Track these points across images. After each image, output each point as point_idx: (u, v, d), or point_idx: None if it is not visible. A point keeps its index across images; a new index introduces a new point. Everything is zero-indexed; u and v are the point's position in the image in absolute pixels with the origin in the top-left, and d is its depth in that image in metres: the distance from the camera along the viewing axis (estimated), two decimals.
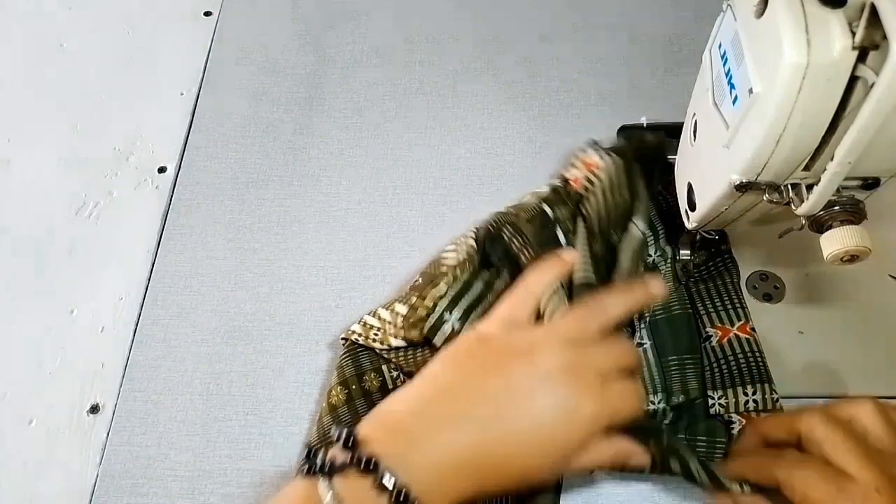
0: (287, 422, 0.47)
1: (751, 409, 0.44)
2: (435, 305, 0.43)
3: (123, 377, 0.49)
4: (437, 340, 0.43)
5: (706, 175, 0.41)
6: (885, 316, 0.49)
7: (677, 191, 0.47)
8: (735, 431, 0.43)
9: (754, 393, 0.44)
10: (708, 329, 0.47)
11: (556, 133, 0.60)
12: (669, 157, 0.51)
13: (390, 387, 0.46)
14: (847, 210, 0.35)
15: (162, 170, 0.59)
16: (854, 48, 0.28)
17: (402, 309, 0.45)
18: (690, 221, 0.44)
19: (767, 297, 0.50)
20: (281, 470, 0.45)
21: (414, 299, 0.44)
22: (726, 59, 0.35)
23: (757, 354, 0.46)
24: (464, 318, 0.43)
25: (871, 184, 0.35)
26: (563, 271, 0.41)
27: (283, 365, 0.49)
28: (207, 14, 0.70)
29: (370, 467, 0.30)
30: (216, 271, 0.53)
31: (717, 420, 0.44)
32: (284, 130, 0.61)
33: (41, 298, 0.53)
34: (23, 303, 0.53)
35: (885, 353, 0.47)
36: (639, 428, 0.38)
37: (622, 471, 0.40)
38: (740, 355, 0.46)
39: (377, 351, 0.46)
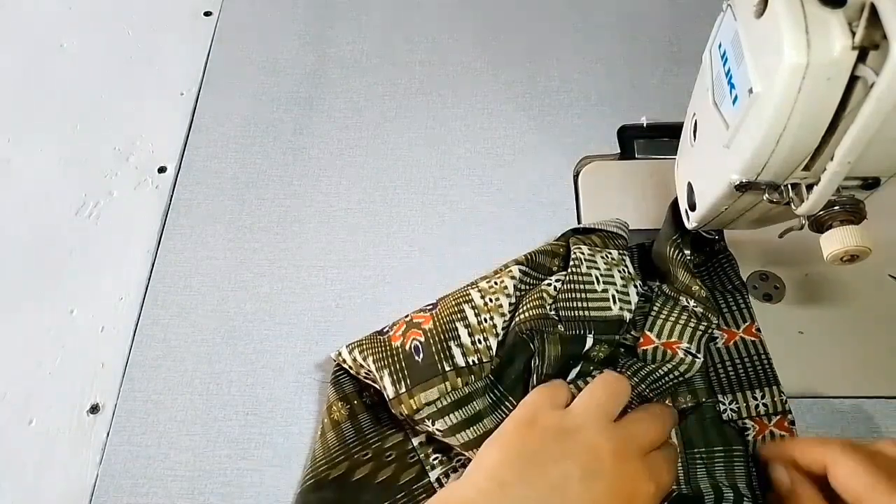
0: (287, 422, 0.47)
1: (762, 412, 0.44)
2: (420, 409, 0.41)
3: (123, 377, 0.49)
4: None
5: (706, 175, 0.41)
6: (885, 316, 0.49)
7: (677, 191, 0.47)
8: (750, 437, 0.43)
9: (763, 397, 0.44)
10: (714, 331, 0.47)
11: (556, 133, 0.60)
12: (670, 157, 0.51)
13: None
14: (847, 210, 0.35)
15: (162, 170, 0.59)
16: (854, 48, 0.28)
17: (388, 385, 0.42)
18: (690, 221, 0.44)
19: (767, 297, 0.50)
20: (281, 470, 0.45)
21: (403, 389, 0.41)
22: (726, 59, 0.35)
23: (763, 356, 0.46)
24: (449, 432, 0.41)
25: (871, 184, 0.35)
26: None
27: (283, 365, 0.49)
28: (207, 14, 0.70)
29: None
30: (216, 271, 0.53)
31: (730, 426, 0.44)
32: (284, 130, 0.61)
33: (41, 298, 0.53)
34: (23, 303, 0.53)
35: (885, 353, 0.47)
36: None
37: None
38: (746, 359, 0.46)
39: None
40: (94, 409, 0.48)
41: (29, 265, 0.54)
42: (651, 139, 0.58)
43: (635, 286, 0.47)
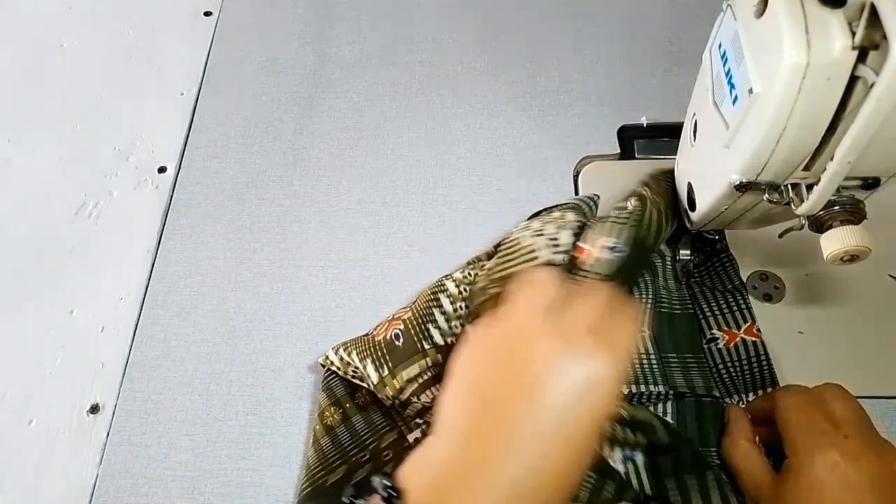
0: (287, 422, 0.47)
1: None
2: (404, 388, 0.42)
3: (123, 377, 0.49)
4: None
5: (706, 175, 0.41)
6: (885, 316, 0.49)
7: (677, 191, 0.47)
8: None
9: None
10: (714, 331, 0.47)
11: (556, 133, 0.60)
12: (670, 157, 0.51)
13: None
14: (847, 210, 0.35)
15: (162, 170, 0.59)
16: (854, 48, 0.28)
17: (371, 372, 0.43)
18: (690, 221, 0.44)
19: (767, 297, 0.50)
20: (281, 470, 0.45)
21: (386, 372, 0.43)
22: (726, 59, 0.35)
23: (762, 357, 0.46)
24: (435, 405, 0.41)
25: (871, 183, 0.35)
26: None
27: (283, 365, 0.49)
28: (207, 14, 0.70)
29: None
30: (216, 271, 0.53)
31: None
32: (284, 130, 0.61)
33: (41, 298, 0.53)
34: (23, 303, 0.53)
35: (885, 353, 0.47)
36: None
37: None
38: (745, 360, 0.46)
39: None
40: (94, 409, 0.48)
41: (29, 265, 0.54)
42: (651, 139, 0.58)
43: (571, 229, 0.44)
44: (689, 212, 0.44)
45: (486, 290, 0.42)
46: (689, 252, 0.50)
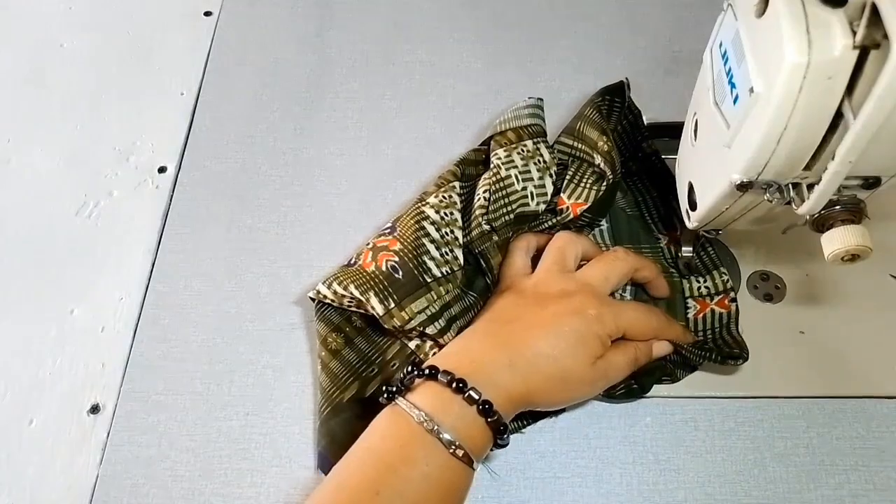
0: (287, 422, 0.47)
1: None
2: (412, 319, 0.44)
3: (123, 377, 0.49)
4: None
5: (707, 175, 0.41)
6: (885, 316, 0.49)
7: (678, 191, 0.47)
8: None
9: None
10: (688, 300, 0.50)
11: (556, 133, 0.59)
12: (670, 157, 0.51)
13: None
14: (848, 209, 0.35)
15: (162, 170, 0.59)
16: (855, 47, 0.28)
17: (376, 304, 0.44)
18: (691, 221, 0.44)
19: (768, 297, 0.50)
20: (281, 470, 0.45)
21: (392, 304, 0.44)
22: (727, 59, 0.35)
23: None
24: (438, 335, 0.44)
25: (872, 183, 0.35)
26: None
27: (284, 365, 0.49)
28: (207, 14, 0.70)
29: (434, 374, 0.39)
30: (216, 271, 0.53)
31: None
32: (284, 130, 0.61)
33: (41, 298, 0.53)
34: (23, 303, 0.53)
35: (885, 353, 0.47)
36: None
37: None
38: (709, 330, 0.49)
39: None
40: (94, 409, 0.48)
41: (29, 265, 0.54)
42: (651, 139, 0.58)
43: (550, 175, 0.51)
44: (690, 211, 0.44)
45: (490, 236, 0.48)
46: (690, 249, 0.49)
